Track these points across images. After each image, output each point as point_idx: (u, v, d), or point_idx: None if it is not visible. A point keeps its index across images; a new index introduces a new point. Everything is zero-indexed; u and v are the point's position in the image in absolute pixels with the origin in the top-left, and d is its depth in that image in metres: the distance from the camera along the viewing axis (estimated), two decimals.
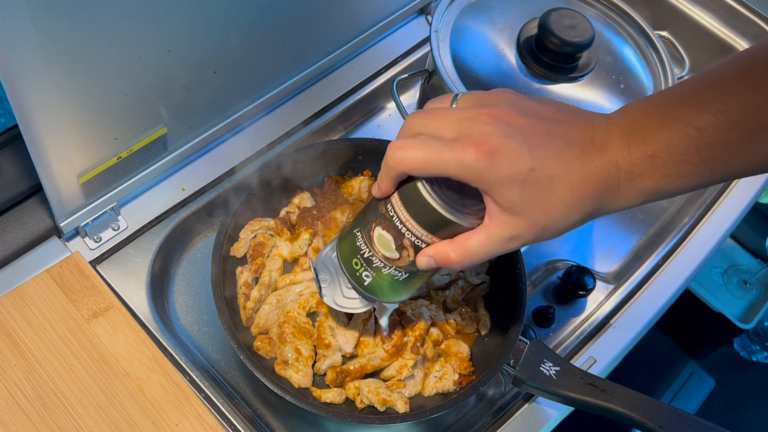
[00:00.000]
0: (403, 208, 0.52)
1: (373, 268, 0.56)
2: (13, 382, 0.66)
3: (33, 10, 0.50)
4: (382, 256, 0.55)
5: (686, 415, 0.64)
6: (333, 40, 0.89)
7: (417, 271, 0.55)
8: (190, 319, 0.77)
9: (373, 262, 0.56)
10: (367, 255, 0.56)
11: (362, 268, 0.57)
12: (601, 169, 0.48)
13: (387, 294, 0.58)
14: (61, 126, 0.62)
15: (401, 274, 0.56)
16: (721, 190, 0.92)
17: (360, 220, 0.57)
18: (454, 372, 0.69)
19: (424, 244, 0.53)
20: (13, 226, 0.74)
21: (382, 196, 0.54)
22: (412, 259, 0.54)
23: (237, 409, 0.70)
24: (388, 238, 0.54)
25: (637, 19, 0.79)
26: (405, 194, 0.52)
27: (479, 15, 0.77)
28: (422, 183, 0.51)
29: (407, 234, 0.53)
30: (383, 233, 0.54)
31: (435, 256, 0.53)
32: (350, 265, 0.58)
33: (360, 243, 0.57)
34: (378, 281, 0.57)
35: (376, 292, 0.58)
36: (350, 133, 0.93)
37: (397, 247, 0.54)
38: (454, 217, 0.51)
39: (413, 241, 0.53)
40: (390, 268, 0.56)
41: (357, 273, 0.58)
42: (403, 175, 0.51)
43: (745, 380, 1.70)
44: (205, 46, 0.69)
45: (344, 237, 0.59)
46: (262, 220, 0.74)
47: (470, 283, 0.74)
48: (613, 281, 0.87)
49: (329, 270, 0.64)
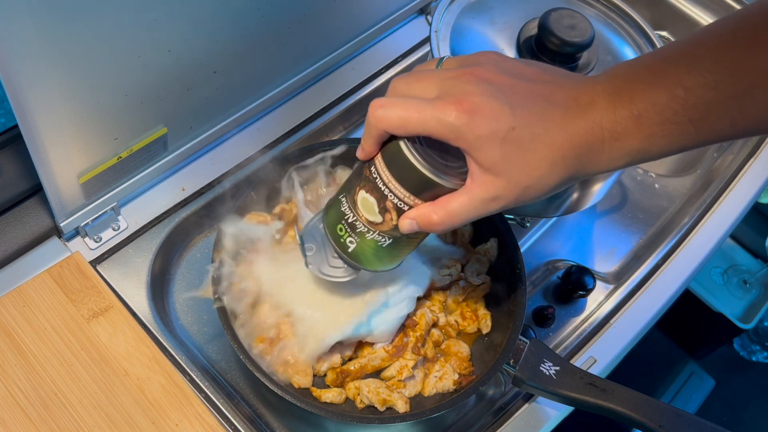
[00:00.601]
0: (386, 169, 0.52)
1: (357, 233, 0.56)
2: (13, 382, 0.66)
3: (33, 10, 0.50)
4: (365, 220, 0.55)
5: (686, 415, 0.64)
6: (333, 41, 0.89)
7: (400, 236, 0.55)
8: (190, 319, 0.77)
9: (357, 227, 0.56)
10: (351, 220, 0.56)
11: (347, 234, 0.57)
12: (584, 128, 0.47)
13: (371, 261, 0.58)
14: (61, 126, 0.62)
15: (385, 240, 0.56)
16: (721, 190, 0.92)
17: (345, 186, 0.57)
18: (454, 372, 0.69)
19: (406, 206, 0.53)
20: (13, 226, 0.74)
21: (365, 158, 0.53)
22: (395, 222, 0.54)
23: (237, 409, 0.70)
24: (371, 201, 0.54)
25: (637, 19, 0.79)
26: (388, 155, 0.52)
27: (479, 15, 0.77)
28: (405, 142, 0.50)
29: (390, 196, 0.53)
30: (367, 196, 0.54)
31: (417, 218, 0.52)
32: (335, 232, 0.58)
33: (344, 208, 0.56)
34: (362, 247, 0.57)
35: (360, 258, 0.58)
36: (350, 133, 0.93)
37: (380, 210, 0.54)
38: (436, 177, 0.50)
39: (396, 204, 0.53)
40: (373, 233, 0.55)
41: (341, 239, 0.57)
42: (385, 135, 0.51)
43: (745, 380, 1.70)
44: (205, 46, 0.69)
45: (330, 204, 0.59)
46: (260, 215, 0.74)
47: (470, 284, 0.74)
48: (613, 281, 0.87)
49: (316, 240, 0.63)
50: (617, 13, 0.80)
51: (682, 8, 1.05)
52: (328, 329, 0.67)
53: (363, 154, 0.53)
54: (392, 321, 0.68)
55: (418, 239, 0.58)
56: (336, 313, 0.67)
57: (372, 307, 0.67)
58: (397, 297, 0.68)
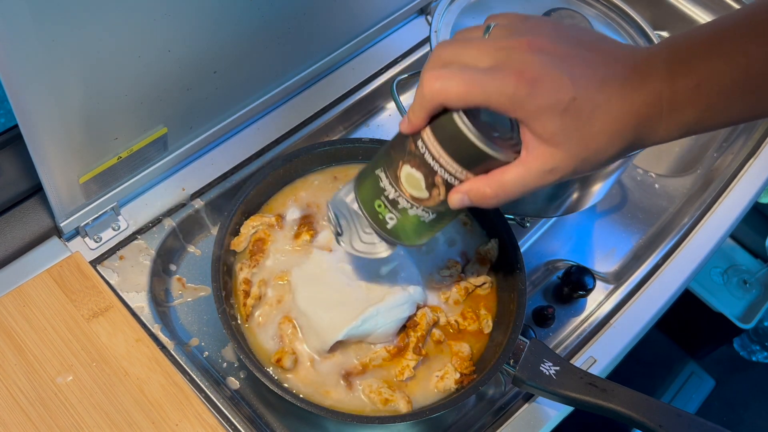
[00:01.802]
0: (436, 142, 0.50)
1: (399, 209, 0.54)
2: (13, 382, 0.66)
3: (33, 10, 0.50)
4: (409, 196, 0.53)
5: (686, 415, 0.64)
6: (333, 41, 0.89)
7: (445, 210, 0.53)
8: (190, 319, 0.77)
9: (399, 204, 0.54)
10: (393, 196, 0.54)
11: (386, 210, 0.55)
12: (643, 99, 0.46)
13: (410, 237, 0.56)
14: (62, 126, 0.62)
15: (428, 215, 0.54)
16: (721, 190, 0.92)
17: (383, 160, 0.54)
18: (455, 371, 0.69)
19: (457, 181, 0.51)
20: (13, 226, 0.74)
21: (412, 131, 0.51)
22: (442, 198, 0.52)
23: (237, 409, 0.70)
24: (418, 176, 0.52)
25: (637, 19, 0.79)
26: (438, 128, 0.49)
27: (479, 15, 0.77)
28: (459, 115, 0.48)
29: (440, 171, 0.51)
30: (412, 171, 0.52)
31: (469, 192, 0.51)
32: (372, 208, 0.55)
33: (384, 184, 0.54)
34: (402, 223, 0.55)
35: (399, 235, 0.56)
36: (350, 133, 0.93)
37: (427, 186, 0.52)
38: (492, 150, 0.49)
39: (445, 179, 0.51)
40: (417, 208, 0.53)
41: (380, 216, 0.55)
42: (439, 108, 0.48)
43: (745, 380, 1.70)
44: (205, 46, 0.69)
45: (364, 179, 0.56)
46: (263, 216, 0.74)
47: (471, 284, 0.74)
48: (613, 281, 0.87)
49: (344, 215, 0.60)
50: (617, 13, 0.80)
51: (682, 8, 1.05)
52: (330, 329, 0.67)
53: (410, 127, 0.51)
54: (393, 322, 0.68)
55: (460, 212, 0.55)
56: (337, 313, 0.67)
57: (373, 307, 0.67)
58: (398, 298, 0.69)
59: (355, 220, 0.59)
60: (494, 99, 0.46)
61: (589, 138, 0.47)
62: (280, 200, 0.77)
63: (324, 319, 0.67)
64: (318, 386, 0.68)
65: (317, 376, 0.68)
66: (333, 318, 0.67)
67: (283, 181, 0.77)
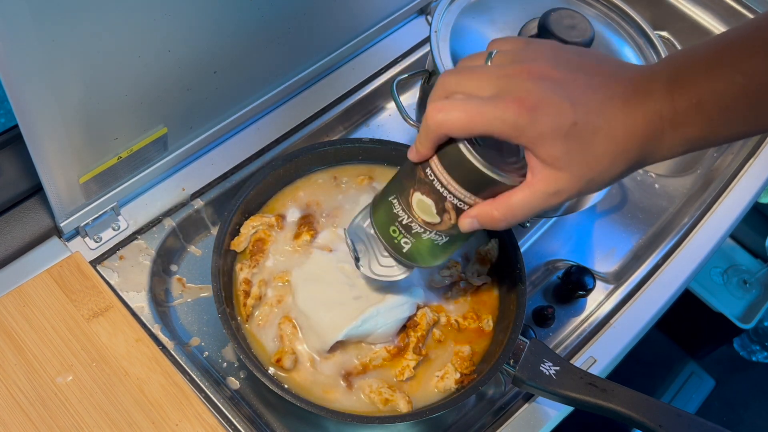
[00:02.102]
0: (444, 170, 0.52)
1: (413, 234, 0.56)
2: (13, 382, 0.66)
3: (33, 10, 0.50)
4: (422, 221, 0.55)
5: (686, 415, 0.64)
6: (333, 40, 0.89)
7: (458, 234, 0.55)
8: (190, 319, 0.77)
9: (413, 229, 0.56)
10: (406, 222, 0.56)
11: (401, 236, 0.57)
12: (644, 119, 0.47)
13: (426, 259, 0.58)
14: (62, 126, 0.62)
15: (442, 238, 0.56)
16: (721, 190, 0.92)
17: (394, 187, 0.56)
18: (456, 371, 0.69)
19: (466, 206, 0.53)
20: (13, 226, 0.74)
21: (420, 160, 0.53)
22: (453, 222, 0.54)
23: (237, 409, 0.70)
24: (428, 202, 0.54)
25: (637, 19, 0.79)
26: (445, 156, 0.51)
27: (479, 15, 0.77)
28: (463, 144, 0.50)
29: (449, 197, 0.53)
30: (423, 198, 0.54)
31: (478, 216, 0.52)
32: (387, 233, 0.58)
33: (397, 210, 0.56)
34: (417, 247, 0.57)
35: (415, 258, 0.58)
36: (350, 133, 0.93)
37: (438, 212, 0.54)
38: (497, 176, 0.50)
39: (455, 204, 0.53)
40: (431, 233, 0.55)
41: (395, 241, 0.57)
42: (444, 138, 0.50)
43: (745, 380, 1.70)
44: (205, 46, 0.69)
45: (378, 205, 0.58)
46: (263, 216, 0.74)
47: (471, 284, 0.74)
48: (613, 281, 0.87)
49: (362, 239, 0.63)
50: (617, 13, 0.80)
51: (682, 8, 1.05)
52: (330, 329, 0.67)
53: (418, 156, 0.53)
54: (393, 322, 0.68)
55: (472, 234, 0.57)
56: (337, 313, 0.67)
57: (373, 307, 0.67)
58: (398, 299, 0.69)
59: (373, 245, 0.61)
60: (497, 128, 0.47)
61: (593, 160, 0.48)
62: (281, 200, 0.77)
63: (324, 319, 0.67)
64: (318, 386, 0.68)
65: (317, 376, 0.68)
66: (333, 318, 0.67)
67: (283, 181, 0.77)
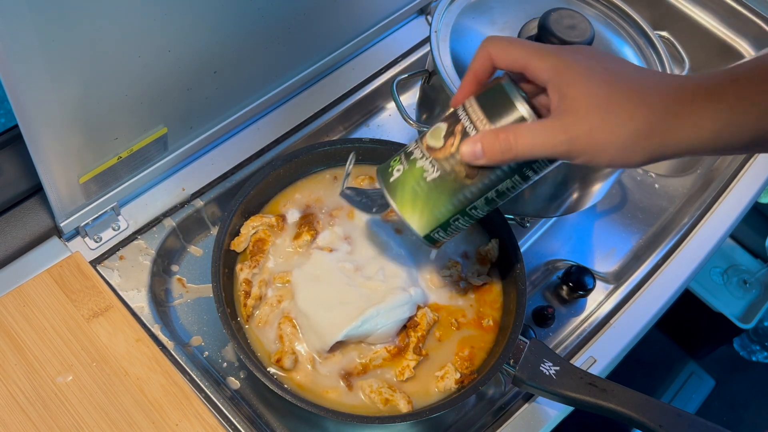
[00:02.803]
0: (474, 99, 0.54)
1: (410, 160, 0.57)
2: (13, 382, 0.66)
3: (33, 10, 0.50)
4: (425, 145, 0.56)
5: (686, 415, 0.64)
6: (333, 40, 0.89)
7: (450, 171, 0.55)
8: (191, 319, 0.77)
9: (413, 154, 0.57)
10: (411, 149, 0.58)
11: (398, 162, 0.58)
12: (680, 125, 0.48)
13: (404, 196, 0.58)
14: (62, 126, 0.62)
15: (431, 172, 0.56)
16: (721, 190, 0.92)
17: None
18: (456, 371, 0.69)
19: (475, 130, 0.53)
20: (13, 226, 0.74)
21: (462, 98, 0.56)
22: (455, 149, 0.54)
23: (237, 409, 0.70)
24: (442, 126, 0.56)
25: (637, 19, 0.79)
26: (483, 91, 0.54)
27: (479, 15, 0.77)
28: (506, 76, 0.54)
29: (463, 118, 0.54)
30: (440, 124, 0.56)
31: (482, 140, 0.52)
32: (388, 163, 0.59)
33: (412, 143, 0.58)
34: (405, 176, 0.57)
35: (396, 190, 0.58)
36: (350, 133, 0.93)
37: (446, 134, 0.55)
38: (520, 104, 0.52)
39: (465, 127, 0.54)
40: (426, 159, 0.56)
41: (390, 169, 0.59)
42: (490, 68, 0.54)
43: (745, 380, 1.70)
44: (205, 46, 0.69)
45: None
46: (263, 216, 0.74)
47: (471, 284, 0.74)
48: (613, 281, 0.87)
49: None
50: (617, 13, 0.80)
51: (682, 8, 1.05)
52: (330, 329, 0.67)
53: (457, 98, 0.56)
54: (394, 322, 0.68)
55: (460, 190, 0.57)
56: (338, 313, 0.67)
57: (374, 308, 0.67)
58: (398, 299, 0.69)
59: None
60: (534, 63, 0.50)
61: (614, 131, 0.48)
62: (281, 200, 0.77)
63: (324, 319, 0.67)
64: (318, 386, 0.68)
65: (317, 377, 0.68)
66: (333, 318, 0.67)
67: (284, 181, 0.77)
